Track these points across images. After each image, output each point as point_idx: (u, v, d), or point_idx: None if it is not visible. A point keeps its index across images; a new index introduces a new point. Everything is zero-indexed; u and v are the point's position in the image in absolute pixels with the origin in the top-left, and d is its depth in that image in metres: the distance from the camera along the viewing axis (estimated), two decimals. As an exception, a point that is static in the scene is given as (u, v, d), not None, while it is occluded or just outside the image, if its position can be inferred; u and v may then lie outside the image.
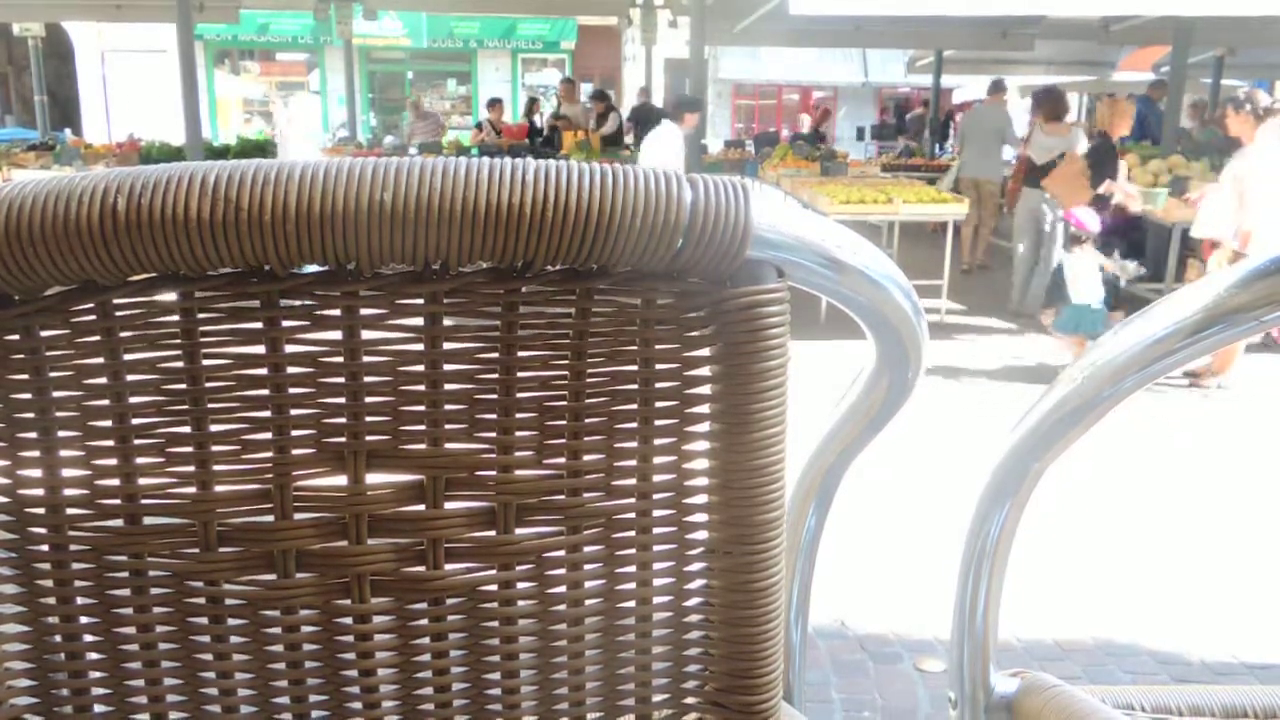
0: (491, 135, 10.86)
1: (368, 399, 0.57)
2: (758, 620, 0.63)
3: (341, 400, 0.57)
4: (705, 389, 0.59)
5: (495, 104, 11.81)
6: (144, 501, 0.58)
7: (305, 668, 0.62)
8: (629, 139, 10.42)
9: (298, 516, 0.58)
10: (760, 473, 0.60)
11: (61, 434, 0.56)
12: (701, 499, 0.61)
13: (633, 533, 0.62)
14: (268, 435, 0.57)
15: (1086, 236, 5.51)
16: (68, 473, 0.57)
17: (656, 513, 0.61)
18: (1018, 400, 5.00)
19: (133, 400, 0.56)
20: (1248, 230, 5.02)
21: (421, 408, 0.58)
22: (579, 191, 0.50)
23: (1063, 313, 5.54)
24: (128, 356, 0.55)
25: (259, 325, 0.55)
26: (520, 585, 0.62)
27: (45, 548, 0.58)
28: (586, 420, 0.59)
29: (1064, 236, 5.95)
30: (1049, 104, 7.24)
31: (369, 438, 0.58)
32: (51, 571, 0.59)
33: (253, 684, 0.62)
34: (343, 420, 0.57)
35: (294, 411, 0.57)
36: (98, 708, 0.62)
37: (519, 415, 0.59)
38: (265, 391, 0.56)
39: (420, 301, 0.55)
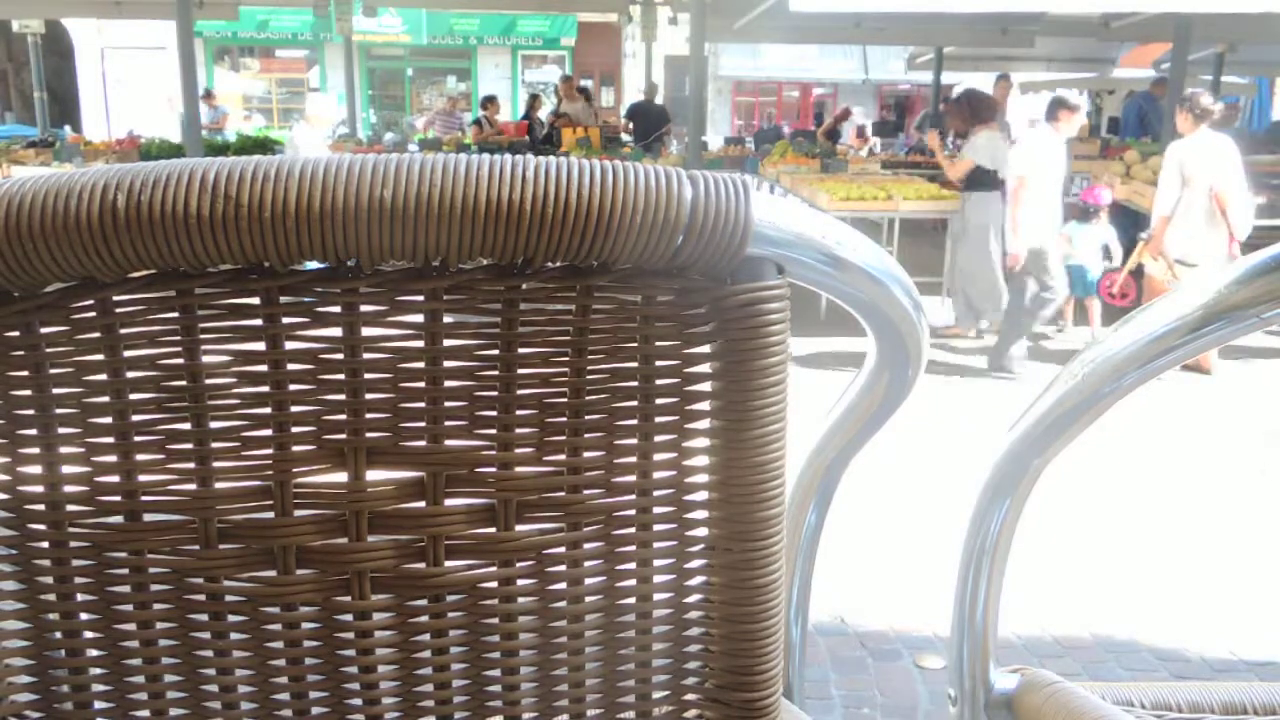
0: (488, 132, 10.89)
1: (368, 396, 0.57)
2: (758, 617, 0.63)
3: (341, 397, 0.57)
4: (705, 386, 0.59)
5: (489, 102, 11.83)
6: (144, 498, 0.58)
7: (305, 664, 0.62)
8: (627, 137, 10.43)
9: (298, 513, 0.58)
10: (760, 470, 0.60)
11: (61, 430, 0.56)
12: (702, 496, 0.61)
13: (633, 529, 0.62)
14: (268, 432, 0.57)
15: (1096, 209, 6.17)
16: (68, 469, 0.57)
17: (657, 510, 0.62)
18: (1018, 397, 5.00)
19: (133, 397, 0.56)
20: (1164, 215, 5.55)
21: (422, 404, 0.58)
22: (579, 188, 0.50)
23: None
24: (127, 353, 0.55)
25: (259, 322, 0.55)
26: (520, 582, 0.62)
27: (45, 544, 0.58)
28: (587, 417, 0.59)
29: (1078, 208, 6.36)
30: (976, 109, 6.23)
31: (369, 434, 0.58)
32: (52, 568, 0.59)
33: (253, 680, 0.62)
34: (343, 417, 0.57)
35: (294, 408, 0.57)
36: (98, 704, 0.62)
37: (519, 412, 0.59)
38: (265, 388, 0.56)
39: (420, 298, 0.55)
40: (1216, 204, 5.41)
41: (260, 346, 0.56)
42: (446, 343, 0.57)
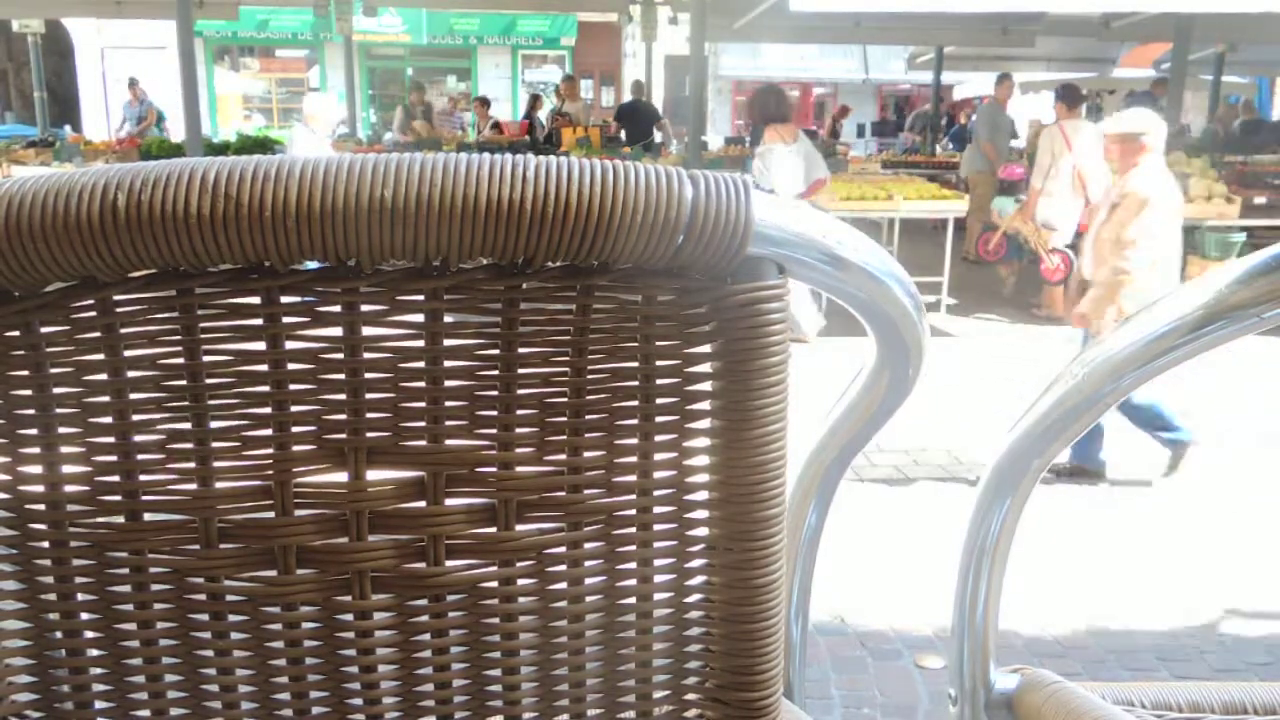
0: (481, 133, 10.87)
1: (368, 395, 0.57)
2: (758, 617, 0.63)
3: (342, 396, 0.57)
4: (706, 385, 0.59)
5: (480, 102, 11.81)
6: (145, 498, 0.58)
7: (306, 664, 0.62)
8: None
9: (298, 513, 0.58)
10: (761, 469, 0.60)
11: (62, 430, 0.56)
12: (702, 495, 0.61)
13: (633, 529, 0.62)
14: (268, 431, 0.57)
15: (1015, 184, 7.45)
16: (68, 469, 0.57)
17: (657, 509, 0.61)
18: (1018, 396, 5.01)
19: (133, 396, 0.56)
20: (1036, 187, 6.79)
21: (422, 404, 0.58)
22: (580, 188, 0.50)
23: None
24: (128, 353, 0.55)
25: (259, 322, 0.55)
26: (521, 582, 0.62)
27: (46, 544, 0.58)
28: (587, 417, 0.59)
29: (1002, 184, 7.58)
30: (764, 108, 5.97)
31: (369, 434, 0.58)
32: (52, 567, 0.59)
33: (253, 680, 0.62)
34: (343, 416, 0.57)
35: (294, 408, 0.57)
36: (98, 703, 0.62)
37: (519, 412, 0.59)
38: (266, 388, 0.56)
39: (421, 298, 0.55)
40: (1078, 179, 6.59)
41: (260, 346, 0.56)
42: (447, 342, 0.57)
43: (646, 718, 0.66)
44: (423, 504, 0.59)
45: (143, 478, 0.57)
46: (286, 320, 0.55)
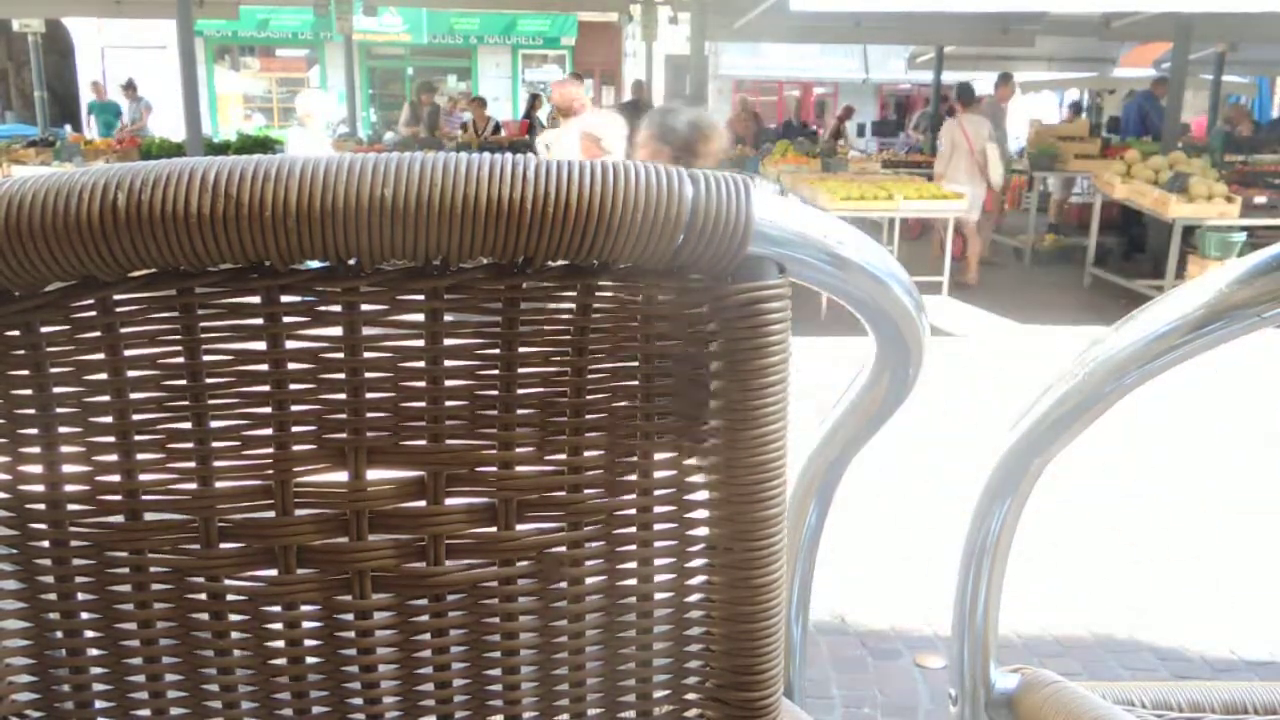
0: (471, 135, 10.85)
1: (368, 395, 0.57)
2: (758, 616, 0.63)
3: (342, 396, 0.57)
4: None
5: (478, 102, 11.81)
6: (145, 497, 0.58)
7: (306, 664, 0.62)
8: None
9: (299, 512, 0.58)
10: (761, 469, 0.60)
11: (62, 430, 0.56)
12: (702, 495, 0.61)
13: (634, 529, 0.62)
14: (268, 431, 0.57)
15: None
16: (68, 468, 0.57)
17: (657, 509, 0.61)
18: (1019, 395, 5.00)
19: (133, 396, 0.56)
20: (939, 173, 7.85)
21: (422, 404, 0.58)
22: (580, 187, 0.50)
23: None
24: (128, 352, 0.55)
25: (259, 321, 0.55)
26: (521, 581, 0.62)
27: (46, 543, 0.58)
28: (587, 416, 0.59)
29: None
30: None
31: (370, 434, 0.58)
32: (52, 567, 0.59)
33: (253, 679, 0.62)
34: (343, 416, 0.57)
35: (295, 407, 0.57)
36: (98, 703, 0.62)
37: (520, 411, 0.59)
38: (266, 387, 0.56)
39: (421, 297, 0.55)
40: (977, 166, 7.77)
41: (261, 346, 0.56)
42: (447, 342, 0.57)
43: (647, 717, 0.66)
44: (423, 504, 0.59)
45: (143, 478, 0.57)
46: (286, 320, 0.55)
